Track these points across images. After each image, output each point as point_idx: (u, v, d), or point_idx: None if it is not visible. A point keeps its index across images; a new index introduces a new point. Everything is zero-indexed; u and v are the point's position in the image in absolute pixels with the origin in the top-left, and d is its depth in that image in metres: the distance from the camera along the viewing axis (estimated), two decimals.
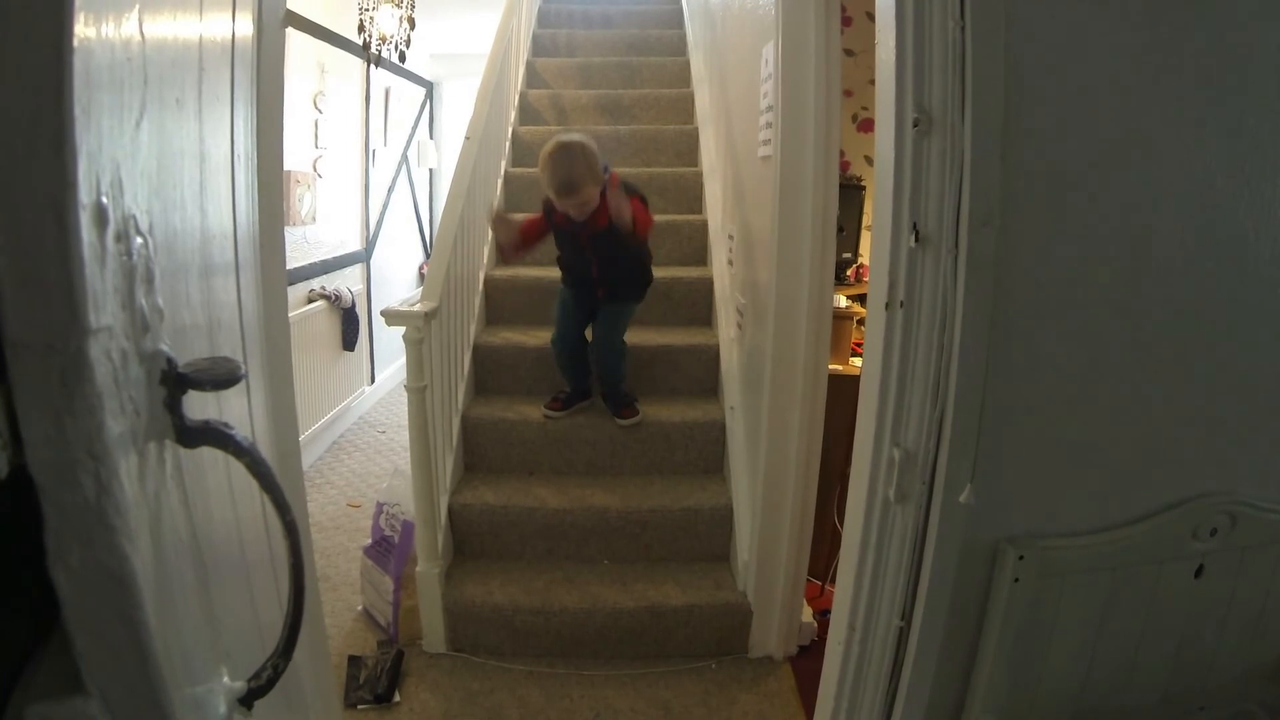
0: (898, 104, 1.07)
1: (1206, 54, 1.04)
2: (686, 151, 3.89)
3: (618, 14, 4.99)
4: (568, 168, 2.32)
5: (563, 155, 2.34)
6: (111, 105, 0.46)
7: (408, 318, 2.20)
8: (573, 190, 2.34)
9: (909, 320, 1.11)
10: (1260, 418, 1.18)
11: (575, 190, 2.34)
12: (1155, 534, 1.16)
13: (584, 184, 2.33)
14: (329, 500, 3.60)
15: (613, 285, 2.68)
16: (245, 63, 0.91)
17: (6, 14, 0.38)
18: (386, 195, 5.33)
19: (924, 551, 1.14)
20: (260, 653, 0.63)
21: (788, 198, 2.09)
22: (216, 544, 0.66)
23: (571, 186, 2.33)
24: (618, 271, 2.65)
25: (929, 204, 1.06)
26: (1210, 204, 1.08)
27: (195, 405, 0.57)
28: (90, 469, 0.40)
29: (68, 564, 0.41)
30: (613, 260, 2.60)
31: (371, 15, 3.71)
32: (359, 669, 2.27)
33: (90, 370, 0.40)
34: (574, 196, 2.35)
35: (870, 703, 1.25)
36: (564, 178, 2.33)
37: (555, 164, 2.35)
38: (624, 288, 2.73)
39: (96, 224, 0.42)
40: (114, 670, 0.43)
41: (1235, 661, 1.27)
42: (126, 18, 0.49)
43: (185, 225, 0.64)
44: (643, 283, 2.79)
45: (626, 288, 2.74)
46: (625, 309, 2.76)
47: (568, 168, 2.32)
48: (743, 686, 2.28)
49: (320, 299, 4.08)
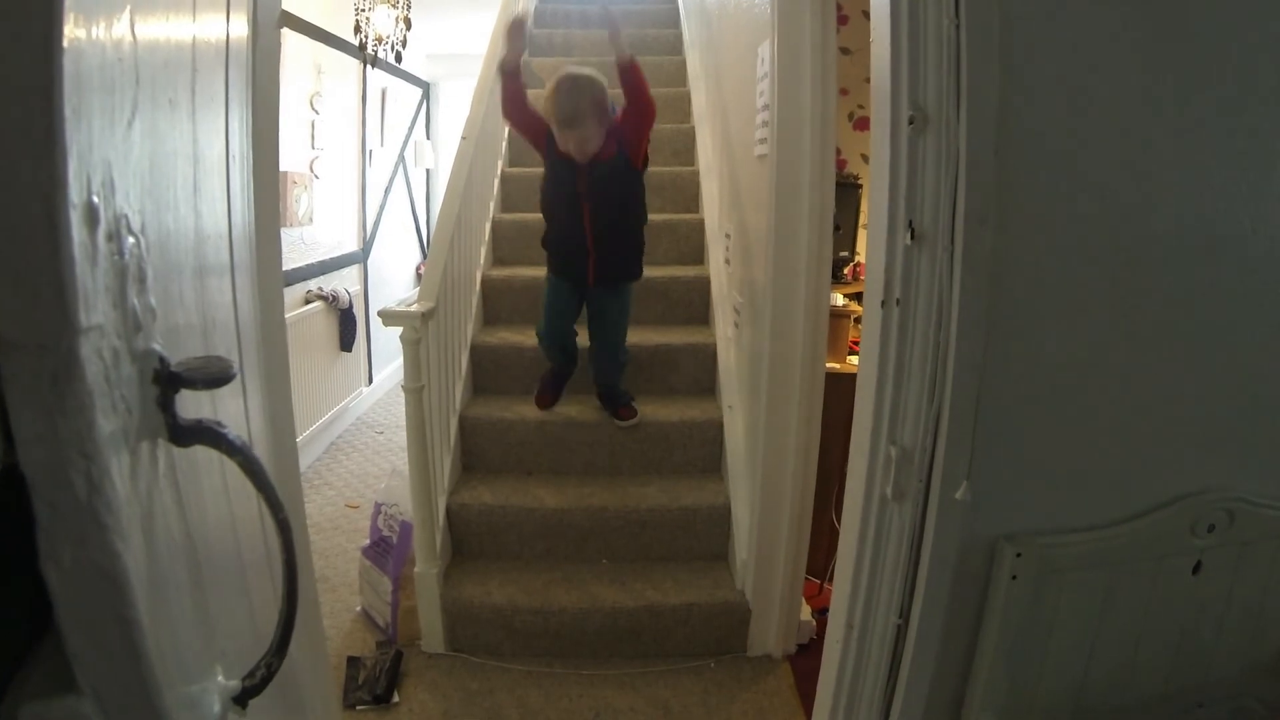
0: (893, 102, 1.07)
1: (1203, 50, 1.04)
2: (683, 150, 3.89)
3: (614, 14, 4.98)
4: (575, 99, 2.23)
5: (571, 86, 2.24)
6: (102, 106, 0.46)
7: (405, 318, 2.20)
8: (576, 122, 2.24)
9: (905, 318, 1.11)
10: (1258, 414, 1.18)
11: (579, 122, 2.24)
12: (1153, 530, 1.16)
13: (588, 119, 2.24)
14: (327, 501, 3.59)
15: (607, 254, 2.48)
16: (240, 64, 0.91)
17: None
18: (383, 196, 5.33)
19: (921, 549, 1.14)
20: (257, 653, 0.63)
21: (784, 196, 2.09)
22: (211, 543, 0.66)
23: (576, 119, 2.24)
24: (613, 228, 2.46)
25: (925, 202, 1.06)
26: (1207, 200, 1.08)
27: (190, 406, 0.57)
28: (82, 468, 0.40)
29: (60, 563, 0.41)
30: (609, 208, 2.43)
31: (367, 16, 3.71)
32: (358, 670, 2.27)
33: (81, 369, 0.40)
34: (576, 129, 2.25)
35: (869, 701, 1.25)
36: (570, 109, 2.23)
37: (562, 94, 2.25)
38: (618, 258, 2.54)
39: (87, 223, 0.42)
40: (107, 669, 0.43)
41: (1234, 657, 1.27)
42: (118, 19, 0.49)
43: (179, 225, 0.63)
44: (638, 249, 2.60)
45: (621, 258, 2.55)
46: (622, 300, 2.61)
47: (575, 99, 2.23)
48: (742, 685, 2.28)
49: (318, 300, 4.08)
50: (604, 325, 2.65)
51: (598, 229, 2.43)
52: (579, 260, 2.48)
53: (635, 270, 2.61)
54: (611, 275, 2.54)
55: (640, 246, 2.59)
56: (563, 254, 2.56)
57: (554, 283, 2.62)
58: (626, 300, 2.65)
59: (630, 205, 2.49)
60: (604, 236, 2.45)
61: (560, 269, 2.59)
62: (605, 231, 2.44)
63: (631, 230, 2.54)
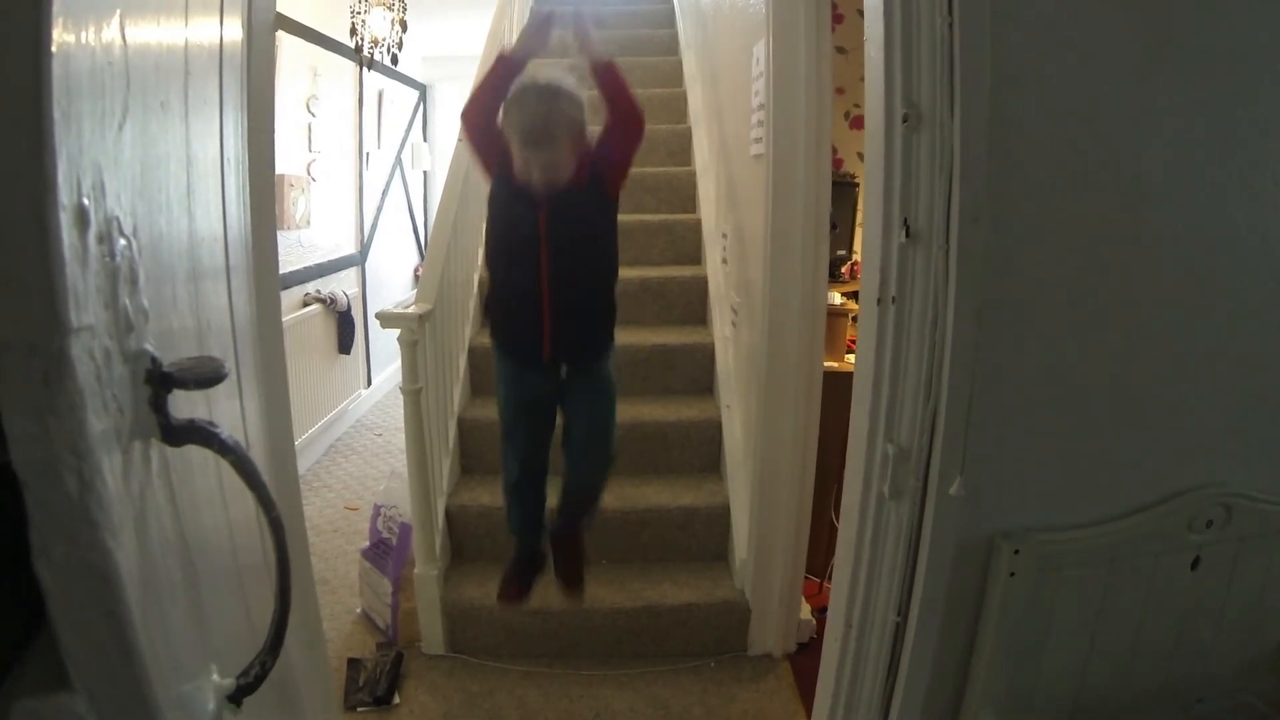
0: (887, 100, 1.08)
1: (1197, 46, 1.04)
2: (679, 151, 3.90)
3: (609, 15, 5.00)
4: (547, 111, 1.63)
5: (547, 94, 1.65)
6: (92, 109, 0.47)
7: (403, 320, 2.21)
8: (545, 141, 1.64)
9: (901, 316, 1.11)
10: (1256, 409, 1.18)
11: (548, 142, 1.64)
12: (1151, 526, 1.16)
13: (561, 139, 1.65)
14: (326, 503, 3.60)
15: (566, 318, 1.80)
16: (234, 67, 0.91)
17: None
18: (381, 198, 5.33)
19: (919, 547, 1.15)
20: (254, 653, 0.63)
21: (780, 196, 2.09)
22: (206, 544, 0.66)
23: (546, 137, 1.64)
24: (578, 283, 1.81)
25: (919, 200, 1.06)
26: (1203, 197, 1.08)
27: (184, 409, 0.57)
28: (73, 466, 0.41)
29: (52, 560, 0.41)
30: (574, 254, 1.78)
31: (363, 18, 3.71)
32: (358, 671, 2.27)
33: (72, 369, 0.40)
34: (544, 151, 1.65)
35: (868, 698, 1.25)
36: (540, 124, 1.63)
37: (529, 102, 1.65)
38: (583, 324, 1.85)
39: (78, 225, 0.43)
40: (99, 666, 0.43)
41: (1233, 653, 1.27)
42: (107, 23, 0.50)
43: (172, 228, 0.64)
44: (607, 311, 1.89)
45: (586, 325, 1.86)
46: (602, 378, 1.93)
47: (547, 111, 1.63)
48: (741, 684, 2.28)
49: (315, 302, 4.08)
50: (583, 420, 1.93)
51: (556, 281, 1.77)
52: (531, 327, 1.80)
53: (605, 340, 1.92)
54: (574, 349, 1.86)
55: (611, 309, 1.90)
56: (510, 318, 1.88)
57: (507, 371, 1.92)
58: (609, 376, 1.95)
59: (600, 252, 1.87)
60: (564, 293, 1.79)
61: (509, 340, 1.90)
62: (567, 287, 1.79)
63: (600, 288, 1.87)
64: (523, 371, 1.89)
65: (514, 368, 1.90)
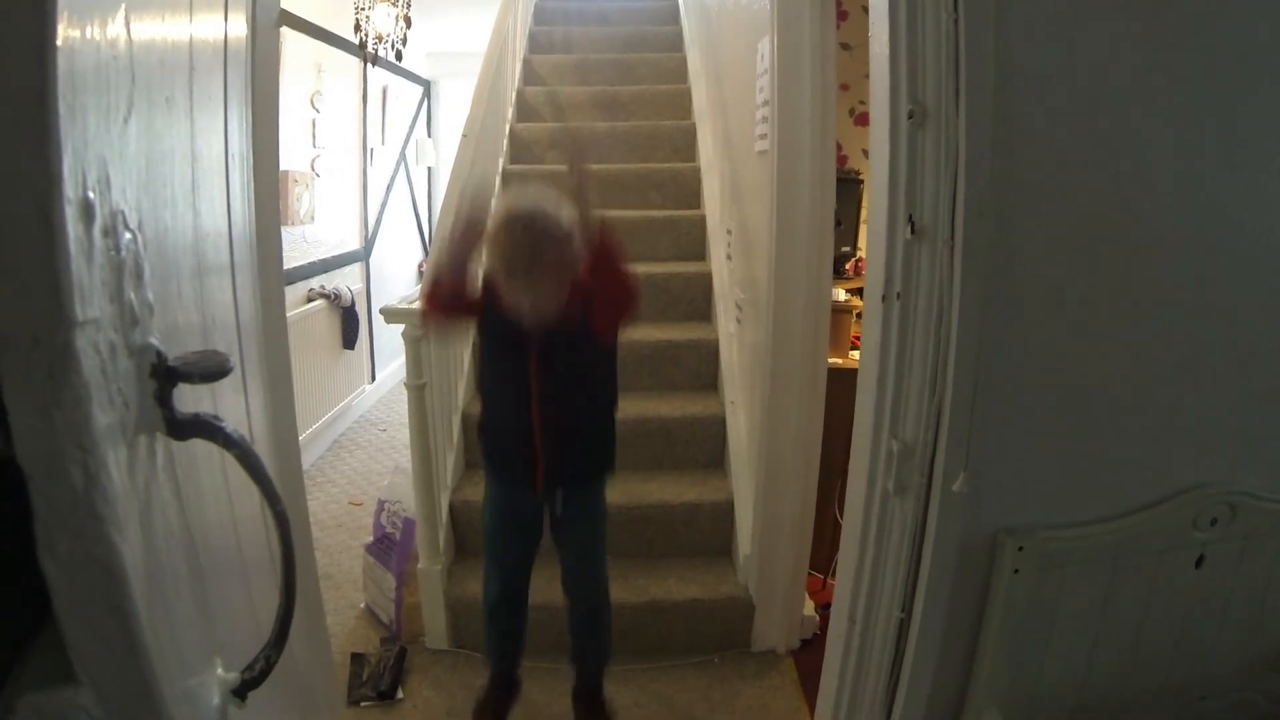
0: (892, 96, 1.07)
1: (1200, 44, 1.04)
2: (684, 147, 3.89)
3: (614, 11, 4.99)
4: (535, 241, 1.54)
5: (528, 226, 1.55)
6: (97, 103, 0.47)
7: (407, 315, 2.21)
8: (532, 274, 1.56)
9: (906, 312, 1.11)
10: (1261, 407, 1.17)
11: (535, 275, 1.56)
12: (1155, 524, 1.16)
13: (548, 272, 1.56)
14: (331, 498, 3.60)
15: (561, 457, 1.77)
16: (239, 63, 0.91)
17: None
18: (385, 194, 5.33)
19: (924, 543, 1.15)
20: (258, 648, 0.63)
21: (784, 192, 2.08)
22: (211, 538, 0.66)
23: (533, 268, 1.55)
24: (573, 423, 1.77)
25: (924, 196, 1.06)
26: (1206, 194, 1.08)
27: (189, 403, 0.57)
28: (78, 460, 0.41)
29: (56, 554, 0.41)
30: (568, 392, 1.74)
31: (367, 14, 3.71)
32: (362, 666, 2.28)
33: (77, 362, 0.40)
34: (531, 284, 1.57)
35: (872, 695, 1.25)
36: (526, 256, 1.54)
37: (515, 234, 1.55)
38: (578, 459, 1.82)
39: (83, 219, 0.43)
40: (104, 660, 0.43)
41: (1236, 650, 1.27)
42: (112, 19, 0.50)
43: (177, 223, 0.64)
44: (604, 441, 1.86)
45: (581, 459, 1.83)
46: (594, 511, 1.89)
47: (535, 241, 1.54)
48: (745, 680, 2.28)
49: (320, 298, 4.09)
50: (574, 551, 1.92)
51: (549, 423, 1.74)
52: (524, 462, 1.77)
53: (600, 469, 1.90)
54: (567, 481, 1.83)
55: (607, 441, 1.87)
56: (502, 451, 1.85)
57: (496, 490, 1.90)
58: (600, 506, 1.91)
59: (595, 389, 1.81)
60: (558, 434, 1.75)
61: (500, 468, 1.88)
62: (560, 428, 1.75)
63: (595, 425, 1.84)
64: (512, 493, 1.87)
65: (503, 489, 1.89)
